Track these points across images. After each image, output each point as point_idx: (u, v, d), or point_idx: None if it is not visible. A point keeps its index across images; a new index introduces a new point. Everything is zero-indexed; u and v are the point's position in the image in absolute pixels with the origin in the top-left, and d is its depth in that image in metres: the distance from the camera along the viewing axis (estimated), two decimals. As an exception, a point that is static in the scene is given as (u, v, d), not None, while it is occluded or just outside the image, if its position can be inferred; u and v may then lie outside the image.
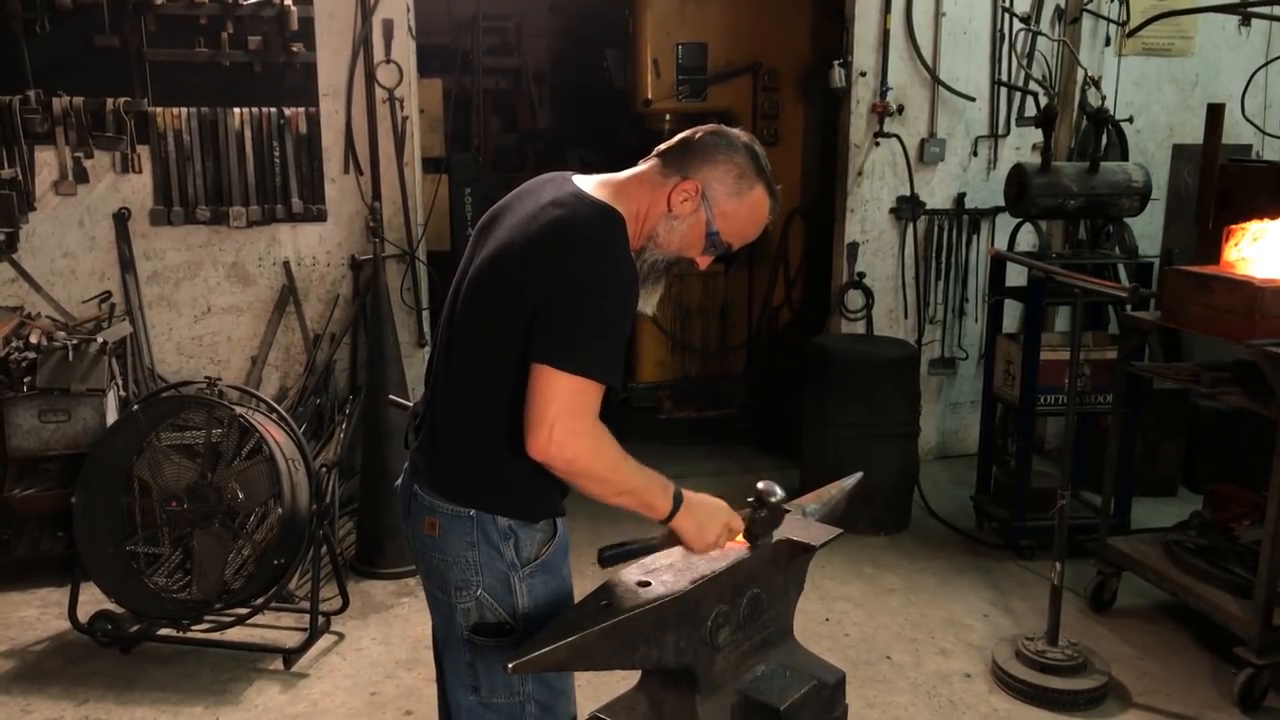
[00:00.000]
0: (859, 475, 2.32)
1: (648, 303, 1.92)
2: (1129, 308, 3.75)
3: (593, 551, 4.72)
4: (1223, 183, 3.93)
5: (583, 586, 4.07)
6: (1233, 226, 3.48)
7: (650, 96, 5.61)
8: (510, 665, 1.58)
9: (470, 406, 1.84)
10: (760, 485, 1.89)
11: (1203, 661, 3.52)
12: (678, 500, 1.84)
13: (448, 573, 1.89)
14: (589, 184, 1.89)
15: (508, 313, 1.77)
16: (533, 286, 1.75)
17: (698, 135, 1.91)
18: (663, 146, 1.93)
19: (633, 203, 1.87)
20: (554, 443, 1.70)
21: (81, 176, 4.46)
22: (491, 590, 1.86)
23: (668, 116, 5.77)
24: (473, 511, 1.84)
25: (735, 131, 1.94)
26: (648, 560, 1.88)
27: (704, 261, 1.97)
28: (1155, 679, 3.42)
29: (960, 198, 5.35)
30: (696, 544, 1.86)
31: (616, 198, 1.86)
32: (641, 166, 1.93)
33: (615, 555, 1.73)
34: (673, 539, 1.86)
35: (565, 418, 1.70)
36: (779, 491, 1.88)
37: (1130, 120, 5.26)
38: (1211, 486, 4.33)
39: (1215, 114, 4.01)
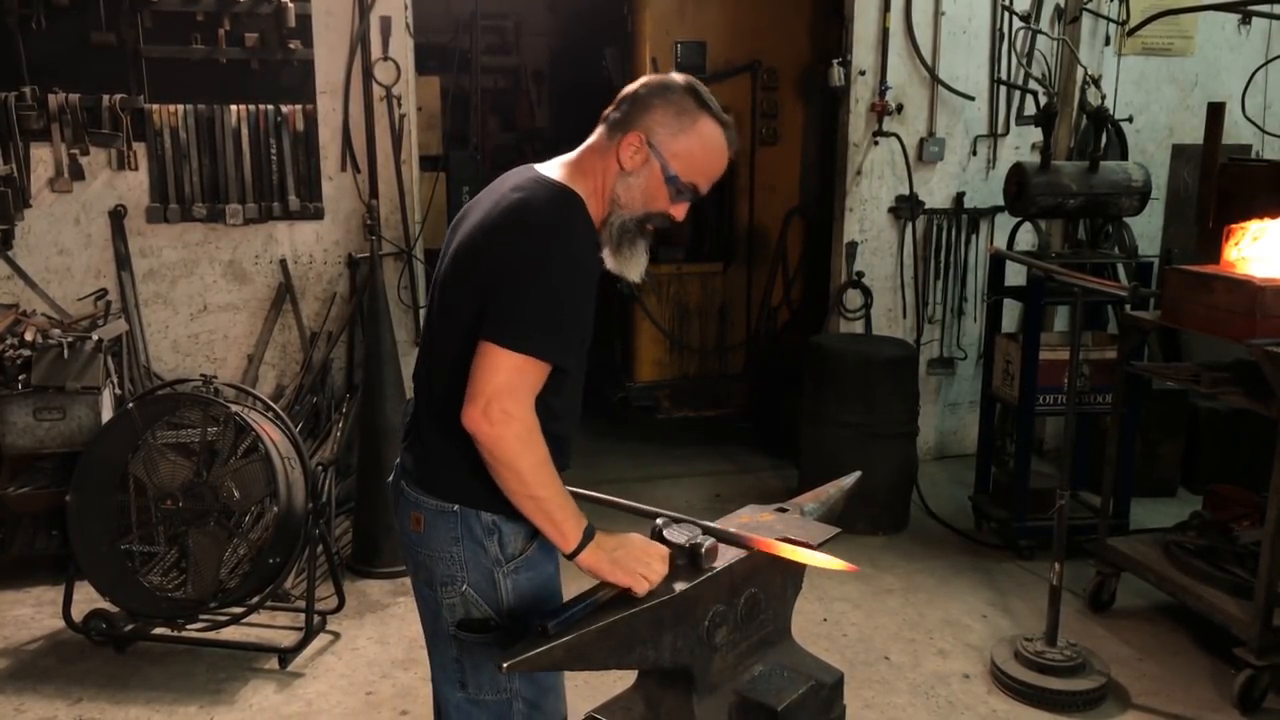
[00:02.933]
0: (857, 475, 2.31)
1: (631, 268, 1.90)
2: (1128, 307, 3.74)
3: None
4: (1223, 182, 3.92)
5: (580, 587, 4.06)
6: (1233, 226, 3.47)
7: (649, 95, 5.58)
8: (505, 664, 1.57)
9: (450, 402, 1.83)
10: (665, 532, 1.81)
11: (1202, 662, 3.50)
12: (588, 534, 1.78)
13: (433, 568, 1.89)
14: (551, 167, 1.90)
15: (472, 303, 1.78)
16: (488, 271, 1.77)
17: (634, 89, 1.90)
18: (606, 111, 1.92)
19: (589, 176, 1.86)
20: (486, 418, 1.70)
21: (77, 173, 4.44)
22: (476, 586, 1.86)
23: (667, 115, 5.76)
24: (456, 507, 1.85)
25: (672, 75, 1.91)
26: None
27: (678, 211, 1.92)
28: (1154, 680, 3.41)
29: (959, 197, 5.34)
30: (617, 579, 1.74)
31: (574, 175, 1.86)
32: (591, 137, 1.92)
33: (562, 624, 1.62)
34: (615, 587, 1.75)
35: (503, 395, 1.71)
36: (686, 534, 1.80)
37: (1130, 120, 5.26)
38: (1211, 487, 4.32)
39: (1215, 113, 4.00)
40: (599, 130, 1.91)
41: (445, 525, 1.86)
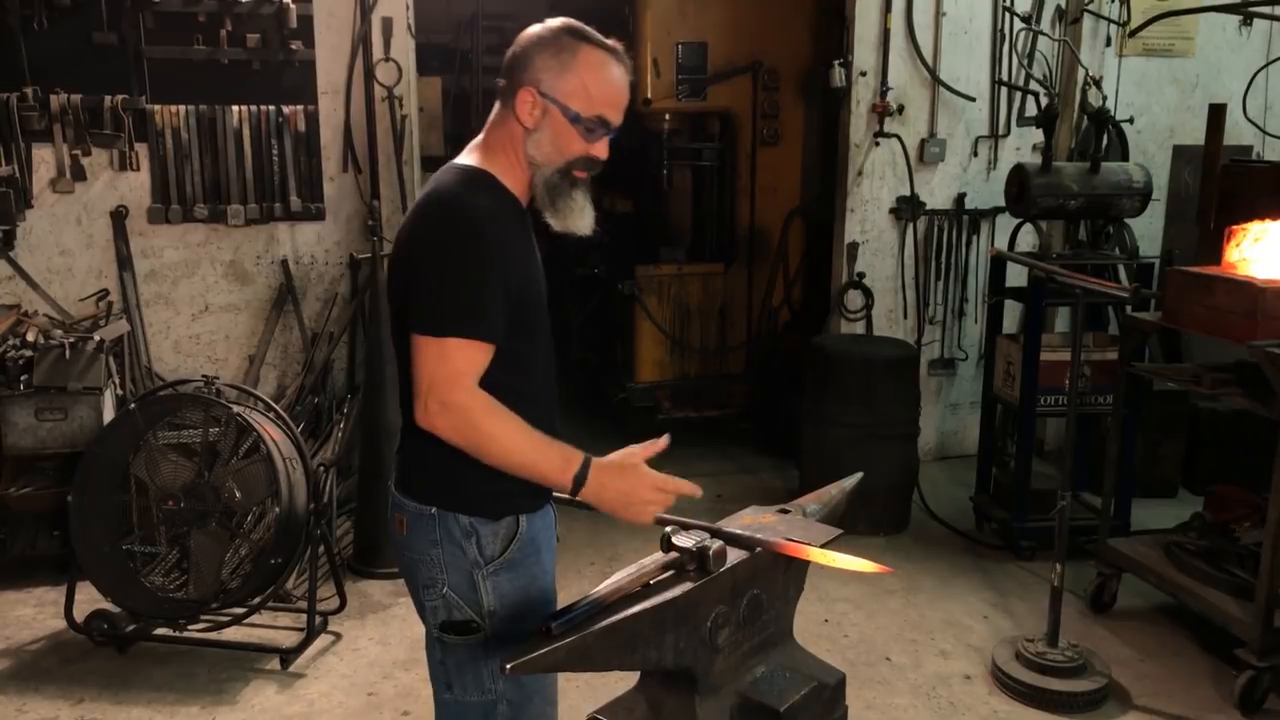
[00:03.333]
0: (859, 476, 2.30)
1: (574, 220, 1.86)
2: (1130, 308, 3.74)
3: (592, 552, 4.73)
4: (1224, 183, 3.92)
5: (581, 586, 4.06)
6: (1234, 227, 3.47)
7: (650, 96, 5.59)
8: (508, 666, 1.57)
9: (409, 404, 1.84)
10: (674, 538, 1.75)
11: (1203, 663, 3.51)
12: (581, 478, 1.76)
13: (416, 570, 1.89)
14: (464, 153, 1.89)
15: (402, 302, 1.80)
16: (406, 266, 1.80)
17: (511, 51, 1.85)
18: (498, 84, 1.89)
19: (499, 150, 1.85)
20: (430, 412, 1.71)
21: (79, 174, 4.45)
22: (457, 588, 1.85)
23: (668, 116, 5.76)
24: (434, 509, 1.85)
25: (543, 22, 1.85)
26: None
27: (599, 149, 1.85)
28: (1155, 681, 3.41)
29: (960, 198, 5.34)
30: (622, 517, 1.77)
31: (483, 154, 1.86)
32: (491, 114, 1.89)
33: (565, 624, 1.59)
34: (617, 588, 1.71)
35: (439, 386, 1.71)
36: (694, 538, 1.77)
37: (1131, 121, 5.26)
38: (1212, 488, 4.31)
39: (1217, 115, 4.00)
40: (495, 105, 1.88)
41: (424, 527, 1.86)
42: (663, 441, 1.89)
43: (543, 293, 1.93)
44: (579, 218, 1.87)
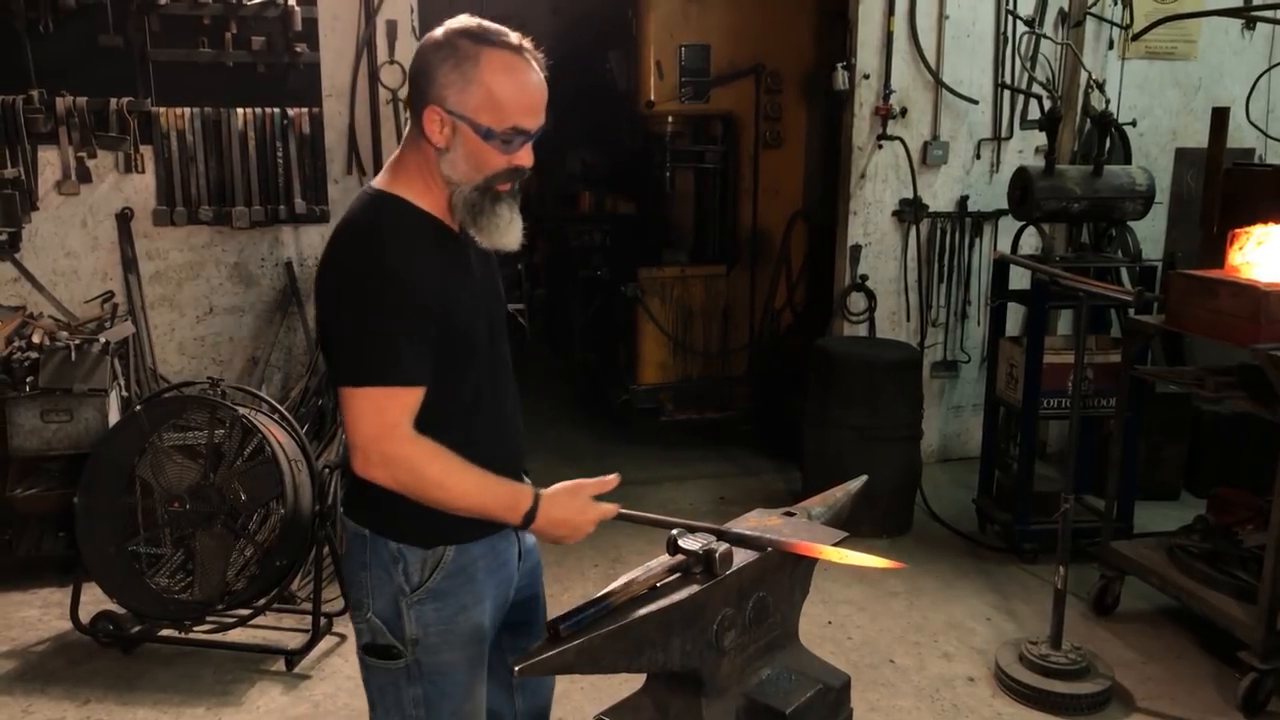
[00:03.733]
0: (863, 479, 2.31)
1: (499, 236, 1.74)
2: (1133, 311, 3.75)
3: (595, 553, 4.73)
4: (1227, 187, 3.93)
5: (584, 588, 4.08)
6: (1237, 230, 3.48)
7: (653, 98, 5.61)
8: (516, 668, 1.58)
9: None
10: (680, 541, 1.81)
11: (1206, 666, 3.51)
12: (530, 515, 1.75)
13: (349, 589, 1.87)
14: (382, 172, 1.80)
15: (324, 327, 1.79)
16: (319, 304, 1.75)
17: (412, 61, 1.74)
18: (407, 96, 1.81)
19: (414, 171, 1.74)
20: (371, 465, 1.67)
21: (84, 176, 4.46)
22: (381, 613, 1.80)
23: (670, 118, 5.78)
24: (367, 532, 1.81)
25: (442, 26, 1.72)
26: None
27: (521, 158, 1.73)
28: (1158, 683, 3.41)
29: (963, 200, 5.35)
30: (563, 542, 1.81)
31: (396, 176, 1.75)
32: (406, 128, 1.79)
33: (573, 626, 1.61)
34: (625, 591, 1.74)
35: (376, 441, 1.65)
36: (701, 540, 1.81)
37: (1133, 123, 5.27)
38: (1214, 490, 4.32)
39: (1220, 118, 4.01)
40: (408, 120, 1.77)
41: (358, 549, 1.82)
42: (612, 480, 1.86)
43: (489, 317, 1.84)
44: (505, 234, 1.75)
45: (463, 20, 1.71)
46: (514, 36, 1.71)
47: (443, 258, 1.73)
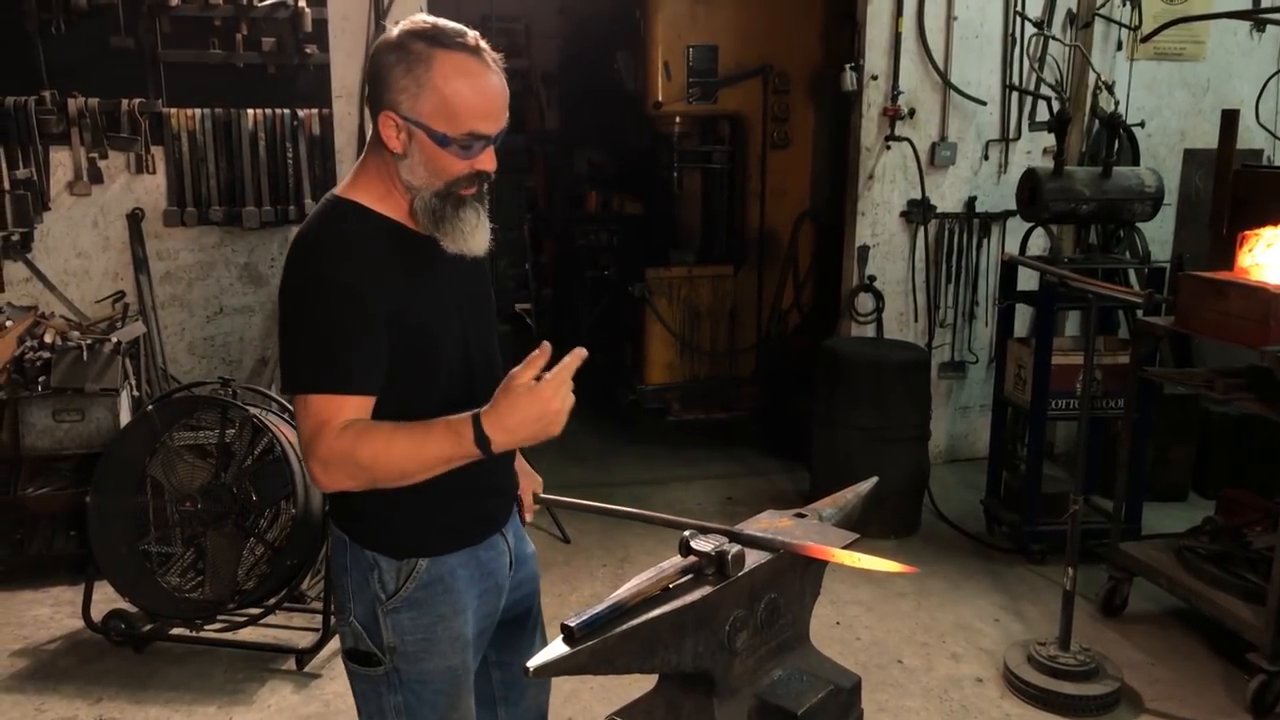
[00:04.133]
0: (874, 480, 2.31)
1: (463, 240, 1.69)
2: (1141, 313, 3.75)
3: (603, 553, 4.74)
4: (1236, 189, 3.92)
5: (593, 588, 4.08)
6: (1246, 232, 3.48)
7: (661, 98, 5.62)
8: (531, 668, 1.59)
9: None
10: (692, 542, 1.77)
11: (1215, 667, 3.51)
12: (481, 438, 1.59)
13: (335, 593, 1.89)
14: (345, 176, 1.77)
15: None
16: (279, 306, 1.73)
17: (368, 64, 1.69)
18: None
19: (375, 175, 1.70)
20: (316, 475, 1.63)
21: (96, 177, 4.49)
22: (361, 619, 1.79)
23: (678, 119, 5.79)
24: (347, 538, 1.80)
25: (397, 25, 1.66)
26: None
27: (482, 162, 1.68)
28: (1167, 685, 3.42)
29: (971, 201, 5.35)
30: (547, 436, 1.65)
31: (358, 180, 1.71)
32: (369, 132, 1.72)
33: (586, 627, 1.59)
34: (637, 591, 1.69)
35: (311, 444, 1.61)
36: (713, 542, 1.79)
37: (1142, 124, 5.26)
38: (1223, 492, 4.32)
39: (1229, 120, 4.00)
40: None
41: (340, 553, 1.82)
42: (541, 351, 1.65)
43: (464, 322, 1.78)
44: (470, 238, 1.70)
45: (417, 20, 1.65)
46: (471, 37, 1.64)
47: (400, 265, 1.68)
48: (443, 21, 1.65)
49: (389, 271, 1.66)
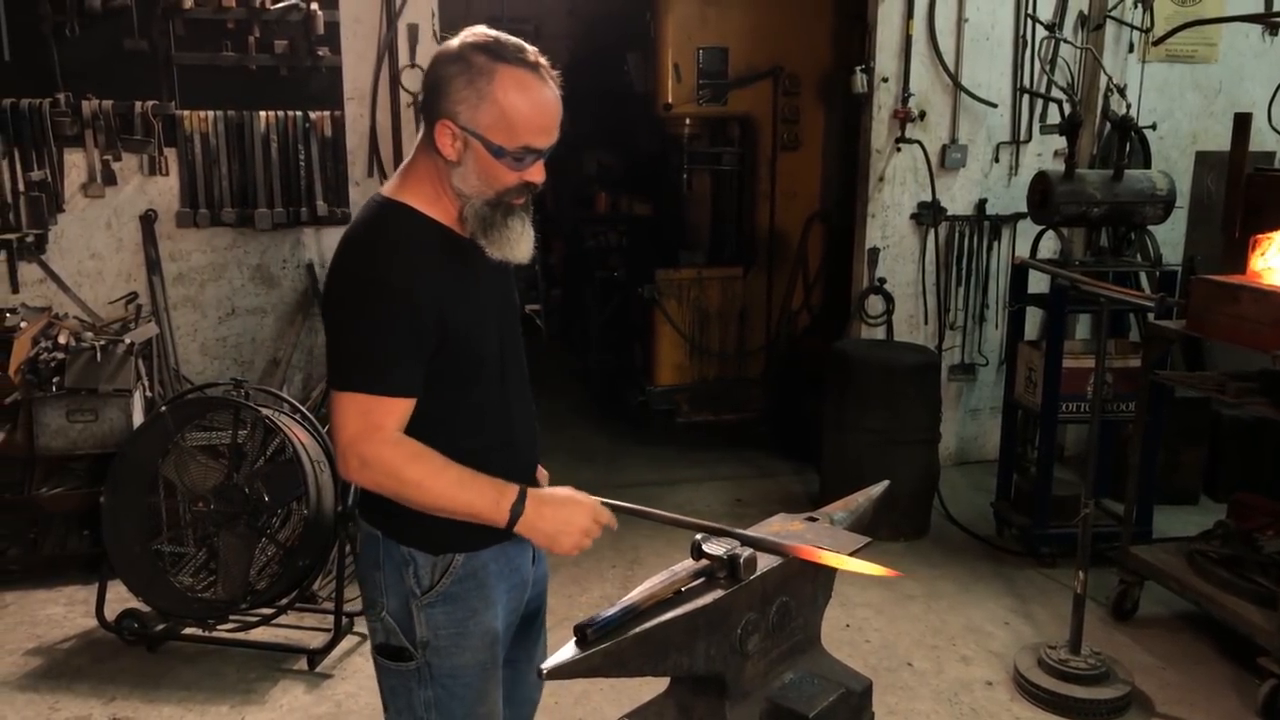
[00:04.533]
0: (885, 484, 2.32)
1: (509, 248, 1.74)
2: (1153, 316, 3.74)
3: (614, 555, 4.74)
4: (1249, 192, 3.91)
5: (603, 589, 4.09)
6: (1259, 236, 3.47)
7: (671, 100, 5.63)
8: (545, 670, 1.60)
9: None
10: (704, 546, 1.79)
11: (1225, 672, 3.50)
12: (516, 514, 1.72)
13: (362, 588, 1.89)
14: (393, 178, 1.80)
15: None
16: (324, 306, 1.78)
17: (427, 70, 1.72)
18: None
19: (423, 178, 1.74)
20: (351, 470, 1.68)
21: (109, 179, 4.51)
22: (394, 614, 1.82)
23: (688, 120, 5.80)
24: (379, 534, 1.82)
25: (458, 36, 1.69)
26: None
27: (533, 175, 1.72)
28: (1178, 689, 3.41)
29: (981, 204, 5.34)
30: (554, 549, 1.76)
31: (406, 182, 1.75)
32: (418, 135, 1.77)
33: (599, 630, 1.60)
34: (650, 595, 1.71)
35: (357, 443, 1.66)
36: (725, 545, 1.80)
37: (1153, 127, 5.25)
38: (1234, 496, 4.31)
39: (1242, 123, 3.99)
40: (423, 125, 1.75)
41: (371, 550, 1.84)
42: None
43: (500, 326, 1.83)
44: (515, 246, 1.74)
45: (479, 33, 1.68)
46: (530, 52, 1.68)
47: (448, 268, 1.72)
48: (504, 35, 1.69)
49: (437, 274, 1.70)
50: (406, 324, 1.65)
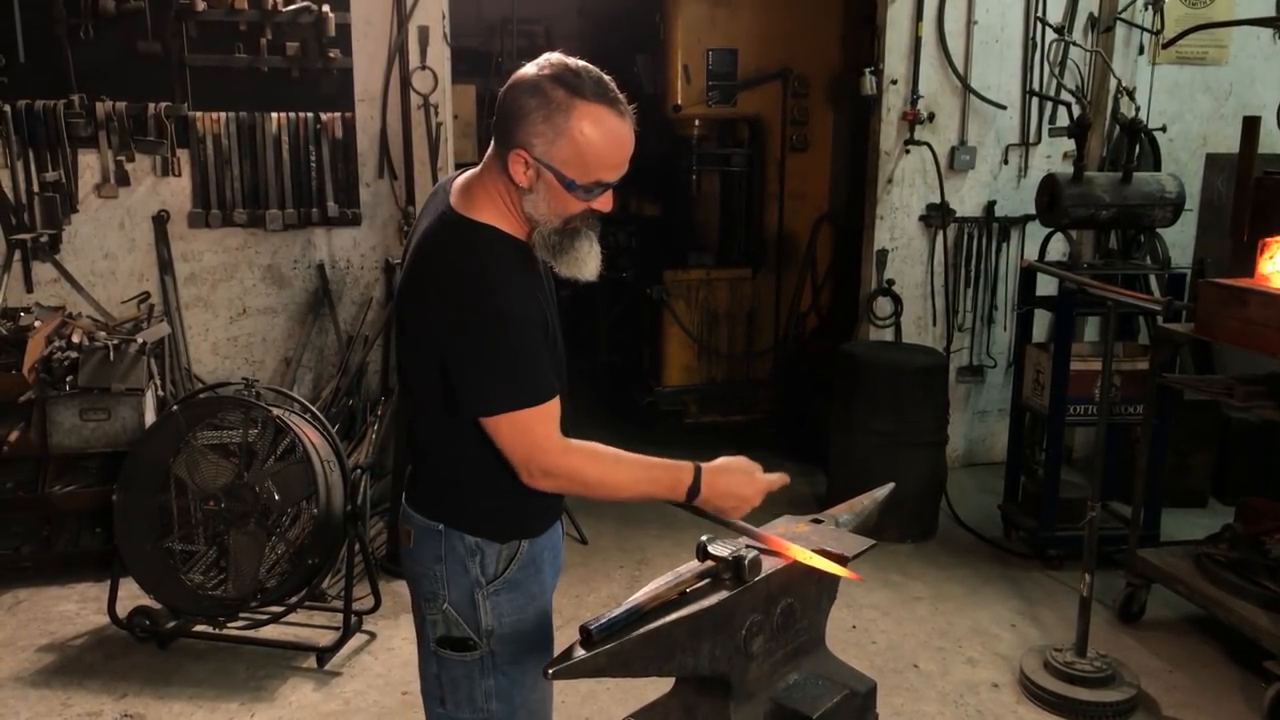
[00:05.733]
0: (890, 486, 2.33)
1: (578, 268, 1.81)
2: (1161, 319, 3.74)
3: (620, 555, 4.76)
4: (1258, 195, 3.90)
5: (610, 589, 4.11)
6: (1268, 239, 3.46)
7: (680, 102, 5.64)
8: (550, 671, 1.61)
9: (424, 428, 1.87)
10: (710, 547, 1.79)
11: (1232, 675, 3.50)
12: (693, 491, 1.85)
13: (419, 583, 1.91)
14: (461, 192, 1.81)
15: (419, 344, 1.81)
16: (429, 326, 1.76)
17: (501, 95, 1.74)
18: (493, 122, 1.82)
19: (494, 197, 1.78)
20: (534, 479, 1.77)
21: (123, 179, 4.55)
22: (457, 605, 1.86)
23: (697, 122, 5.81)
24: (441, 525, 1.86)
25: (535, 65, 1.71)
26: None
27: (601, 204, 1.78)
28: (1184, 692, 3.41)
29: (990, 206, 5.34)
30: (728, 516, 1.89)
31: (480, 200, 1.78)
32: (489, 150, 1.80)
33: (604, 630, 1.62)
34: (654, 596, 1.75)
35: (531, 460, 1.75)
36: (730, 546, 1.80)
37: (1163, 129, 5.23)
38: (1242, 499, 4.29)
39: (1250, 126, 3.98)
40: (492, 144, 1.78)
41: (430, 542, 1.87)
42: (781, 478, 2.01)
43: (559, 328, 1.91)
44: (582, 266, 1.81)
45: (557, 63, 1.70)
46: (609, 86, 1.71)
47: (537, 281, 1.82)
48: (583, 66, 1.71)
49: (537, 292, 1.80)
50: (535, 335, 1.76)
